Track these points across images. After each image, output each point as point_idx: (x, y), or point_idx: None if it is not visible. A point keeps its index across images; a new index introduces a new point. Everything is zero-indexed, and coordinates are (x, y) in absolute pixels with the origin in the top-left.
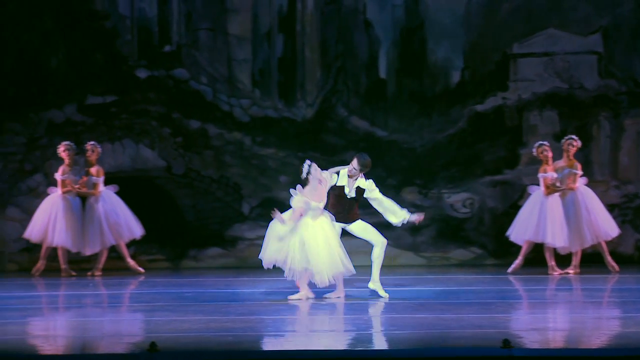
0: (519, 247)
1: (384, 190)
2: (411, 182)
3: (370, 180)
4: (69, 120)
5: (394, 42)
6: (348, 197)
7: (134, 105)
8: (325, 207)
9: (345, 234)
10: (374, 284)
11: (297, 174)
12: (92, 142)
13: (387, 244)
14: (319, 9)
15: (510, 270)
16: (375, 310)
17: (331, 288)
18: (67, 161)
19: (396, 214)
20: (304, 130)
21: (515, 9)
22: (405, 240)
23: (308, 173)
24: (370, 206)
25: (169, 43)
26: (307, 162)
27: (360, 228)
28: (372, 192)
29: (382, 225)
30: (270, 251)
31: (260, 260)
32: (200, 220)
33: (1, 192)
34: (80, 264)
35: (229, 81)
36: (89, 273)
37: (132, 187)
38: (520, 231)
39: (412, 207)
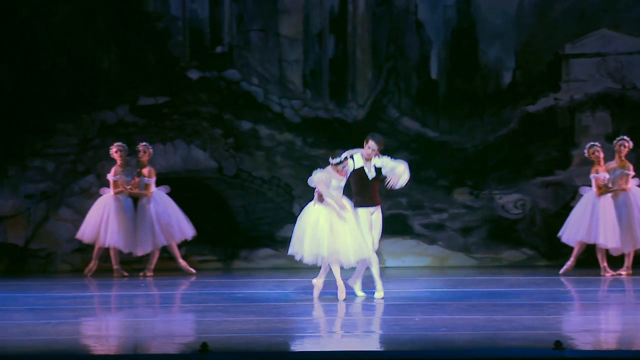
0: (570, 248)
1: (435, 190)
2: (462, 183)
3: (383, 158)
4: (121, 121)
5: (445, 42)
6: (370, 178)
7: (186, 107)
8: (350, 195)
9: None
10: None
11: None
12: (144, 143)
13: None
14: (370, 9)
15: (562, 271)
16: (426, 312)
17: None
18: (119, 162)
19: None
20: (355, 131)
21: (567, 9)
22: (456, 242)
23: (339, 163)
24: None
25: (220, 44)
26: (343, 153)
27: (377, 220)
28: (389, 164)
29: (434, 226)
30: (307, 244)
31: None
32: (251, 221)
33: (54, 193)
34: (132, 265)
35: (280, 82)
36: (141, 274)
37: (183, 188)
38: (572, 232)
39: (463, 209)
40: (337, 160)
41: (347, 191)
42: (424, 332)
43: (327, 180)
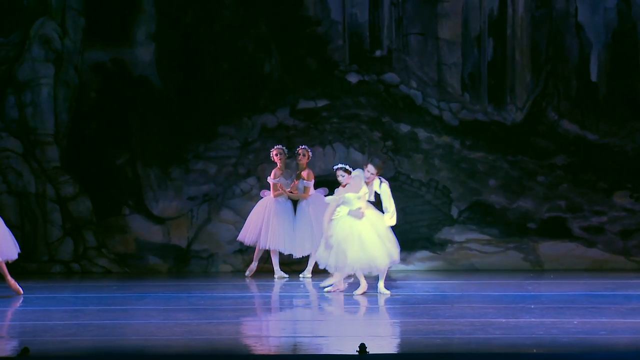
0: None
1: (594, 193)
2: (622, 186)
3: (384, 184)
4: (281, 125)
5: (605, 45)
6: (369, 201)
7: (345, 110)
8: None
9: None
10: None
11: (506, 177)
12: (303, 146)
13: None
14: (530, 12)
15: None
16: (585, 315)
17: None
18: (279, 165)
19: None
20: (514, 133)
21: None
22: (615, 245)
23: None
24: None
25: (379, 48)
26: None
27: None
28: (384, 199)
29: (594, 229)
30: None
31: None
32: (409, 223)
33: (216, 195)
34: (291, 266)
35: (439, 85)
36: (300, 275)
37: None
38: None
39: (623, 212)
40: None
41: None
42: (583, 336)
43: (338, 201)
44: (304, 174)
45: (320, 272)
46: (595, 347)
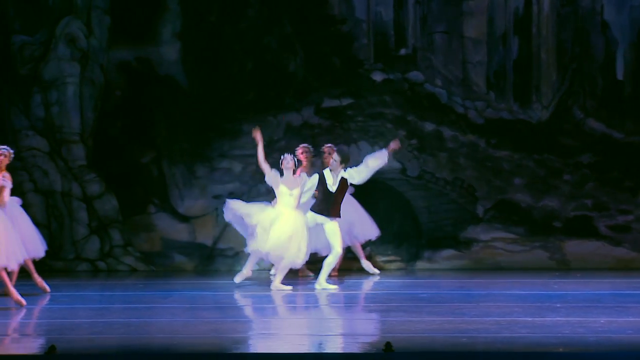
0: None
1: (620, 192)
2: None
3: (350, 169)
4: (306, 123)
5: (631, 43)
6: (331, 190)
7: (370, 108)
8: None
9: None
10: (320, 285)
11: (532, 176)
12: (328, 145)
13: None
14: (555, 10)
15: None
16: (612, 314)
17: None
18: (304, 163)
19: (377, 157)
20: (539, 132)
21: None
22: None
23: (280, 164)
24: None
25: (404, 46)
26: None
27: (332, 230)
28: (355, 171)
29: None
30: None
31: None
32: (434, 221)
33: (241, 194)
34: (316, 265)
35: (464, 83)
36: None
37: (366, 189)
38: None
39: None
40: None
41: None
42: (610, 335)
43: (275, 179)
44: None
45: (345, 270)
46: (622, 346)
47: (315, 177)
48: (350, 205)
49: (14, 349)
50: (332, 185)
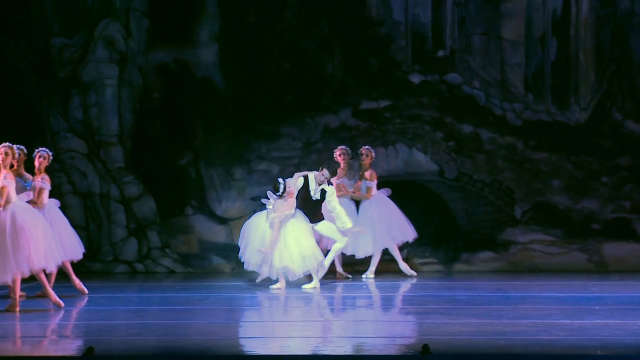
0: None
1: None
2: None
3: (331, 186)
4: (343, 125)
5: None
6: (313, 199)
7: (408, 110)
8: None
9: None
10: (323, 268)
11: (570, 178)
12: (366, 147)
13: None
14: (594, 12)
15: None
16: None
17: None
18: (342, 165)
19: (340, 220)
20: (578, 134)
21: None
22: None
23: (283, 191)
24: None
25: (442, 48)
26: (280, 180)
27: (326, 227)
28: (330, 197)
29: None
30: (251, 253)
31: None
32: (472, 223)
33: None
34: (354, 267)
35: (502, 85)
36: (363, 275)
37: (404, 191)
38: None
39: None
40: (280, 192)
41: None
42: None
43: (281, 219)
44: (367, 174)
45: (383, 273)
46: None
47: (301, 180)
48: (387, 207)
49: (52, 351)
50: (315, 194)
